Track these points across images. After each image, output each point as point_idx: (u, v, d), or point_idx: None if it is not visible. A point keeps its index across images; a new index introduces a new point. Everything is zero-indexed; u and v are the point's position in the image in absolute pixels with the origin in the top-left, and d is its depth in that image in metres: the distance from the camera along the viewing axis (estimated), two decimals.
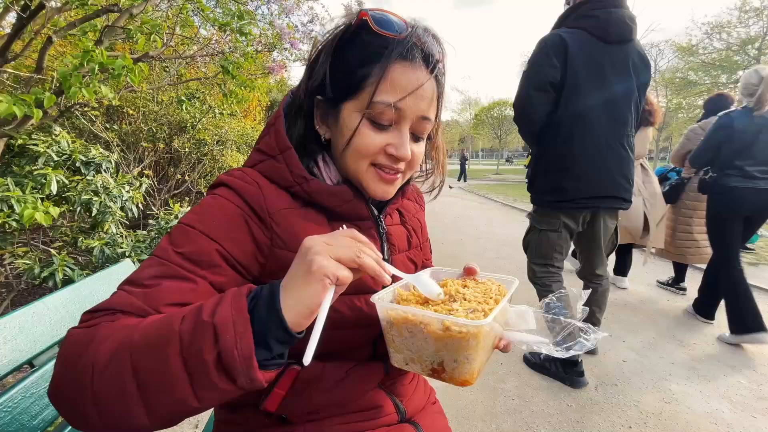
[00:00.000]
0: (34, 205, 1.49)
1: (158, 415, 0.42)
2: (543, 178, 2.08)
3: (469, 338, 0.52)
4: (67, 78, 1.37)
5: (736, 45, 16.62)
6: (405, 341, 0.58)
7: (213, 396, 0.42)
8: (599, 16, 1.88)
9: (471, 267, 0.75)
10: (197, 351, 0.41)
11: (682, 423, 1.88)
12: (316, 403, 0.65)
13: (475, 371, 0.55)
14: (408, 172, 0.71)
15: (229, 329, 0.41)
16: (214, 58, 3.09)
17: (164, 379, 0.41)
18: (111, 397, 0.42)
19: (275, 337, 0.43)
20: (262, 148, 0.69)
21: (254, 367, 0.41)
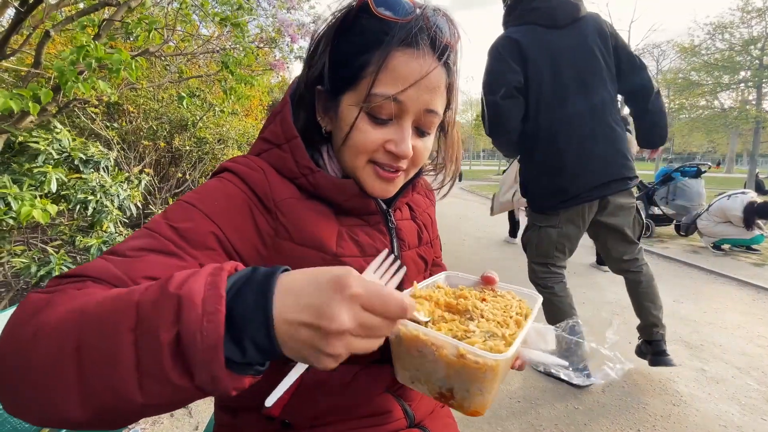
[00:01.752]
0: (31, 202, 1.46)
1: (91, 407, 0.32)
2: (537, 183, 2.01)
3: (486, 371, 0.47)
4: (62, 72, 1.34)
5: (739, 45, 16.57)
6: (413, 360, 0.53)
7: (161, 392, 0.32)
8: (540, 7, 1.82)
9: (490, 276, 0.70)
10: (153, 328, 0.32)
11: (691, 425, 1.84)
12: (321, 408, 0.62)
13: (487, 403, 0.51)
14: (411, 169, 0.66)
15: (196, 306, 0.32)
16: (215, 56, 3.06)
17: (107, 359, 0.32)
18: (46, 373, 0.33)
19: (253, 338, 0.33)
20: (267, 137, 0.65)
21: (219, 362, 0.32)
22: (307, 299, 0.33)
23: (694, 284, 3.95)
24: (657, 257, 5.00)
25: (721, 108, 18.84)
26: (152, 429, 1.75)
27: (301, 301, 0.33)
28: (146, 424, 1.77)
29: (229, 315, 0.33)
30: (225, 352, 0.32)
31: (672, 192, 5.77)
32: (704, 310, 3.27)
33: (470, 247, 5.49)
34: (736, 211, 4.77)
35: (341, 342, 0.33)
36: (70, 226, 2.01)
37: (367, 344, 0.36)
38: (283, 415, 0.61)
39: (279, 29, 3.12)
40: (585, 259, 4.58)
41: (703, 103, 19.01)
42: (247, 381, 0.35)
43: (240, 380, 0.34)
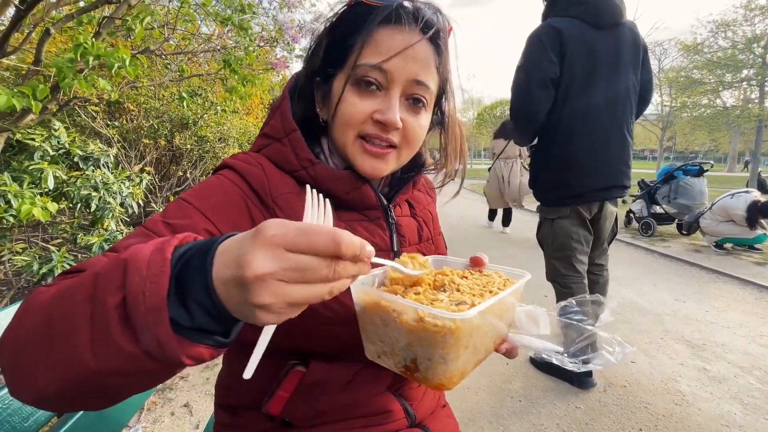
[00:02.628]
0: (31, 200, 1.46)
1: (56, 378, 0.33)
2: (546, 174, 2.02)
3: (445, 333, 0.43)
4: (61, 70, 1.34)
5: (742, 43, 16.50)
6: (377, 330, 0.51)
7: (112, 358, 0.31)
8: (588, 2, 1.80)
9: (478, 257, 0.67)
10: (102, 294, 0.32)
11: (694, 425, 1.84)
12: (321, 407, 0.61)
13: (453, 374, 0.47)
14: (405, 148, 0.64)
15: (140, 268, 0.31)
16: (216, 55, 3.06)
17: (68, 328, 0.33)
18: (25, 347, 0.35)
19: (197, 299, 0.32)
20: (267, 132, 0.65)
21: (164, 324, 0.30)
22: (230, 254, 0.31)
23: (696, 283, 3.94)
24: (658, 256, 4.98)
25: (724, 106, 18.77)
26: (152, 428, 1.75)
27: (226, 258, 0.31)
28: (147, 422, 1.77)
29: (178, 281, 0.32)
30: (172, 315, 0.31)
31: (674, 190, 5.76)
32: (706, 309, 3.26)
33: (472, 246, 5.48)
34: (740, 210, 4.75)
35: (266, 289, 0.30)
36: (71, 224, 2.00)
37: (308, 291, 0.32)
38: (283, 413, 0.60)
39: (280, 29, 3.11)
40: None
41: (706, 102, 18.94)
42: (205, 351, 0.34)
43: (193, 348, 0.32)
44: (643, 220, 6.04)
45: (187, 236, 0.36)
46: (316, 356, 0.60)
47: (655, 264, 4.64)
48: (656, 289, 3.73)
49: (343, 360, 0.62)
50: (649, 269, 4.40)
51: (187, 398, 1.94)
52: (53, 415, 0.76)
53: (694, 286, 3.83)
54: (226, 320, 0.33)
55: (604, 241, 2.13)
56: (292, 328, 0.58)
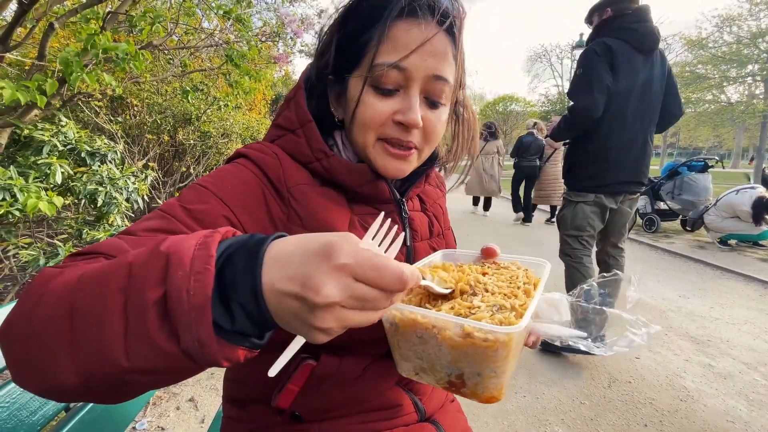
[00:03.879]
0: (37, 194, 1.45)
1: (82, 373, 0.31)
2: (583, 167, 2.36)
3: (497, 347, 0.41)
4: (68, 64, 1.33)
5: (747, 38, 16.33)
6: (414, 348, 0.48)
7: (147, 356, 0.30)
8: (638, 29, 2.15)
9: (490, 247, 0.65)
10: (140, 287, 0.30)
11: (699, 421, 1.83)
12: (331, 401, 0.61)
13: (503, 385, 0.45)
14: (426, 146, 0.62)
15: (184, 263, 0.30)
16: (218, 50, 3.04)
17: (97, 320, 0.31)
18: (42, 336, 0.33)
19: (242, 303, 0.32)
20: (280, 123, 0.64)
21: (206, 324, 0.30)
22: (293, 269, 0.31)
23: (701, 279, 3.92)
24: (662, 252, 4.97)
25: (728, 102, 18.63)
26: (158, 422, 1.75)
27: (287, 271, 0.31)
28: (152, 417, 1.78)
29: (219, 279, 0.31)
30: (214, 316, 0.30)
31: (678, 187, 5.72)
32: (711, 305, 3.25)
33: (476, 242, 5.47)
34: (744, 206, 4.72)
35: (330, 315, 0.30)
36: (77, 219, 2.01)
37: (364, 317, 0.32)
38: (292, 407, 0.60)
39: (282, 23, 3.10)
40: None
41: (710, 97, 18.80)
42: (241, 353, 0.33)
43: (232, 350, 0.32)
44: (647, 216, 6.01)
45: (228, 231, 0.35)
46: (327, 350, 0.60)
47: (659, 260, 4.63)
48: (660, 285, 3.72)
49: (354, 354, 0.62)
50: (653, 266, 4.38)
51: (192, 393, 1.95)
52: (61, 409, 0.76)
53: (698, 283, 3.81)
54: (267, 326, 0.33)
55: (621, 227, 2.44)
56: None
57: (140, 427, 1.71)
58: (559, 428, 1.76)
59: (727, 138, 33.27)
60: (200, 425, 1.75)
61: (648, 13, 2.19)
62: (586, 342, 0.52)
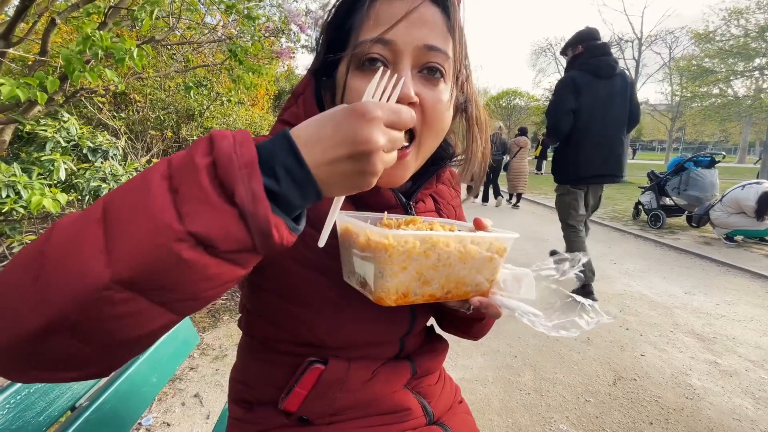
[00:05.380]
0: (41, 191, 1.45)
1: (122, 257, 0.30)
2: (561, 166, 3.16)
3: (381, 249, 0.48)
4: (70, 61, 1.32)
5: (755, 32, 16.10)
6: (346, 253, 0.56)
7: (202, 213, 0.30)
8: (595, 63, 2.95)
9: (479, 219, 0.60)
10: (187, 163, 0.32)
11: (705, 419, 1.82)
12: (339, 405, 0.60)
13: (390, 289, 0.50)
14: (426, 131, 0.54)
15: (227, 138, 0.33)
16: (221, 45, 3.02)
17: (139, 203, 0.31)
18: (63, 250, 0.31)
19: (284, 164, 0.35)
20: (287, 119, 0.60)
21: (257, 177, 0.32)
22: (334, 138, 0.36)
23: (706, 276, 3.89)
24: (668, 248, 4.93)
25: (735, 96, 18.42)
26: (164, 418, 1.76)
27: (329, 142, 0.36)
28: (158, 413, 1.79)
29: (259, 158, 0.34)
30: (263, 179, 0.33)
31: (684, 182, 5.67)
32: (716, 302, 3.22)
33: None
34: (750, 201, 4.68)
35: (378, 159, 0.37)
36: None
37: (394, 156, 0.41)
38: (300, 410, 0.59)
39: (285, 19, 3.07)
40: (598, 260, 4.53)
41: (717, 91, 18.60)
42: (285, 230, 0.35)
43: (278, 219, 0.34)
44: (653, 212, 5.97)
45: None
46: (335, 353, 0.59)
47: (664, 257, 4.60)
48: (666, 282, 3.70)
49: (362, 358, 0.61)
50: (658, 262, 4.36)
51: (198, 389, 1.96)
52: (66, 409, 0.76)
53: (704, 279, 3.79)
54: (310, 192, 0.37)
55: (590, 208, 3.30)
56: (314, 324, 0.57)
57: (146, 423, 1.72)
58: (563, 426, 1.76)
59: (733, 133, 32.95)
60: (205, 421, 1.76)
61: (606, 48, 3.00)
62: (532, 318, 0.53)
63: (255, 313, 0.63)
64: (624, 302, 3.17)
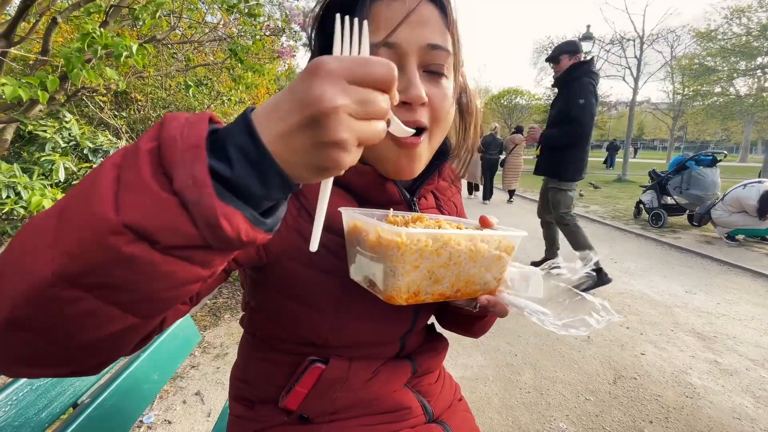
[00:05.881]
0: (41, 191, 1.46)
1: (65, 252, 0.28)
2: (568, 167, 3.37)
3: (393, 247, 0.47)
4: (69, 60, 1.33)
5: (757, 30, 16.04)
6: (353, 251, 0.55)
7: (137, 204, 0.27)
8: (594, 71, 3.32)
9: (485, 217, 0.61)
10: (134, 148, 0.29)
11: (705, 418, 1.82)
12: (339, 404, 0.61)
13: (401, 288, 0.49)
14: (435, 127, 0.56)
15: (178, 119, 0.29)
16: (222, 44, 3.02)
17: (85, 193, 0.29)
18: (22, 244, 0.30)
19: (237, 142, 0.29)
20: None
21: (201, 160, 0.27)
22: (287, 103, 0.29)
23: (707, 275, 3.89)
24: (669, 247, 4.93)
25: (737, 95, 18.36)
26: (165, 416, 1.77)
27: (285, 108, 0.29)
28: (159, 410, 1.79)
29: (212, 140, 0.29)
30: (210, 162, 0.28)
31: (686, 181, 5.65)
32: (717, 301, 3.22)
33: None
34: (752, 200, 4.67)
35: (341, 124, 0.29)
36: None
37: (371, 127, 0.31)
38: (300, 409, 0.60)
39: (286, 18, 3.07)
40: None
41: (718, 90, 18.53)
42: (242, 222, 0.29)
43: (231, 211, 0.29)
44: (654, 211, 5.96)
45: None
46: (336, 353, 0.59)
47: (665, 256, 4.59)
48: (666, 281, 3.70)
49: (363, 357, 0.61)
50: (659, 261, 4.35)
51: (199, 387, 1.96)
52: (68, 406, 0.76)
53: (705, 278, 3.78)
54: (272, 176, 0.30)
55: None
56: (317, 323, 0.57)
57: (147, 421, 1.73)
58: (563, 424, 1.76)
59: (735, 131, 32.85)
60: (206, 419, 1.76)
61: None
62: (541, 317, 0.53)
63: (257, 310, 0.63)
64: (625, 301, 3.17)
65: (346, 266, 0.57)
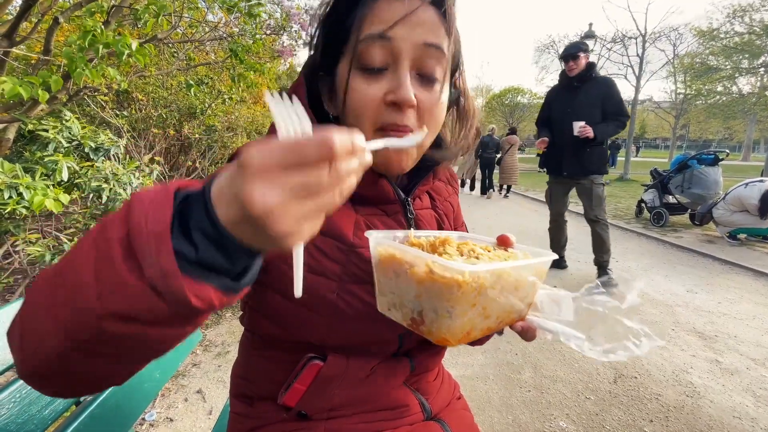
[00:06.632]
0: (44, 191, 1.46)
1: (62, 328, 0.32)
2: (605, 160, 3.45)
3: (452, 285, 0.43)
4: (72, 59, 1.33)
5: (759, 29, 15.95)
6: (389, 283, 0.51)
7: (117, 295, 0.30)
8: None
9: (505, 236, 0.62)
10: (107, 232, 0.31)
11: (705, 417, 1.82)
12: (338, 401, 0.61)
13: (457, 330, 0.46)
14: (430, 129, 0.56)
15: (143, 201, 0.31)
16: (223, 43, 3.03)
17: (73, 276, 0.32)
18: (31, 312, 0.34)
19: (199, 225, 0.30)
20: None
21: (167, 251, 0.29)
22: (227, 196, 0.29)
23: (709, 274, 3.89)
24: (670, 246, 4.92)
25: (739, 94, 18.28)
26: (166, 413, 1.78)
27: (226, 196, 0.29)
28: (161, 408, 1.81)
29: (180, 216, 0.31)
30: (176, 246, 0.29)
31: (688, 180, 5.63)
32: (719, 300, 3.22)
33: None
34: (753, 199, 4.65)
35: (280, 218, 0.27)
36: (84, 214, 2.02)
37: (319, 203, 0.29)
38: (299, 405, 0.60)
39: (287, 16, 3.07)
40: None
41: (721, 89, 18.45)
42: (213, 294, 0.31)
43: (201, 287, 0.30)
44: (655, 210, 5.95)
45: (191, 182, 0.34)
46: (334, 350, 0.60)
47: (666, 255, 4.59)
48: (668, 280, 3.69)
49: (361, 354, 0.61)
50: (660, 260, 4.35)
51: (200, 385, 1.97)
52: (71, 404, 0.77)
53: (706, 278, 3.78)
54: (235, 252, 0.31)
55: None
56: (314, 324, 0.57)
57: (149, 418, 1.74)
58: (563, 423, 1.77)
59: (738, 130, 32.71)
60: (208, 417, 1.77)
61: None
62: (580, 342, 0.51)
63: (256, 309, 0.63)
64: (642, 290, 3.17)
65: (340, 269, 0.57)
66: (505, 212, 7.50)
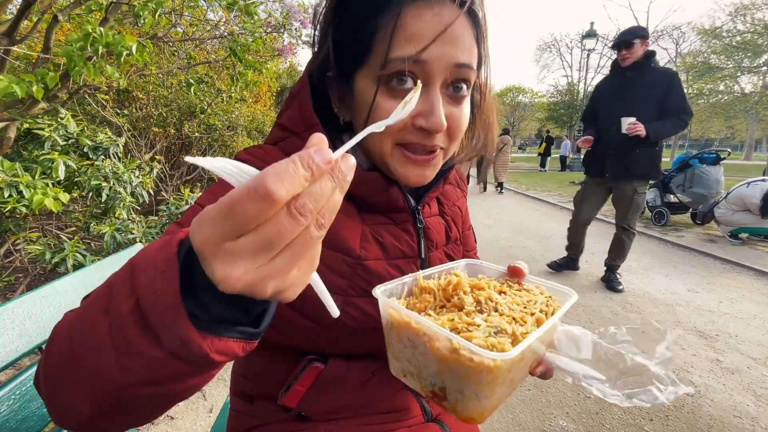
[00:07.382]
0: (43, 190, 1.46)
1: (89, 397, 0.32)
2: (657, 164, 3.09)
3: (482, 371, 0.39)
4: (71, 58, 1.33)
5: (761, 27, 15.91)
6: (404, 350, 0.47)
7: (139, 367, 0.29)
8: None
9: (517, 267, 0.60)
10: (117, 302, 0.30)
11: (705, 417, 1.82)
12: (338, 403, 0.61)
13: (485, 410, 0.43)
14: (451, 145, 0.55)
15: (148, 268, 0.29)
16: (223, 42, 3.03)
17: (90, 346, 0.31)
18: (56, 373, 0.34)
19: (204, 288, 0.28)
20: (284, 124, 0.59)
21: (183, 321, 0.28)
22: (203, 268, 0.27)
23: (710, 274, 3.88)
24: (671, 246, 4.91)
25: (742, 92, 18.24)
26: (167, 411, 1.78)
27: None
28: None
29: (188, 274, 0.29)
30: (189, 309, 0.28)
31: (689, 179, 5.62)
32: (720, 299, 3.21)
33: (481, 235, 5.45)
34: (755, 199, 4.64)
35: (257, 286, 0.25)
36: (84, 212, 2.02)
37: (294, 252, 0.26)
38: (299, 407, 0.60)
39: (287, 14, 3.07)
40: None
41: (723, 88, 18.42)
42: (236, 345, 0.31)
43: (222, 342, 0.30)
44: (657, 209, 5.94)
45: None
46: (334, 354, 0.59)
47: (668, 254, 4.58)
48: (669, 279, 3.69)
49: (362, 358, 0.61)
50: (661, 259, 4.34)
51: None
52: None
53: (707, 277, 3.77)
54: (247, 306, 0.31)
55: None
56: (316, 335, 0.56)
57: None
58: (563, 422, 1.77)
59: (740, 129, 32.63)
60: (208, 414, 1.78)
61: None
62: (602, 386, 0.48)
63: None
64: (626, 299, 3.16)
65: (347, 284, 0.54)
66: (506, 211, 7.49)
